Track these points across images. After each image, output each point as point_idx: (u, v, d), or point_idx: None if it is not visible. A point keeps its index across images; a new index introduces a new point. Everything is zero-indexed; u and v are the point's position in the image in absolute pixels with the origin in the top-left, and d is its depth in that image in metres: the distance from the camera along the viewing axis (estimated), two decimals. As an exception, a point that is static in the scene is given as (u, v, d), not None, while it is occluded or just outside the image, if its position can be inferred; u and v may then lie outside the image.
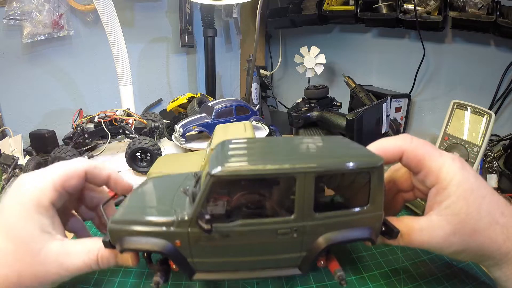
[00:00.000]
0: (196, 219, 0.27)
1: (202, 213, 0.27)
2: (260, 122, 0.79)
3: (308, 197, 0.28)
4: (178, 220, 0.28)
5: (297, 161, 0.28)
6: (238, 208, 0.29)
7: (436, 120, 0.81)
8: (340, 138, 0.36)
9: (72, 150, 0.59)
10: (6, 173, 0.62)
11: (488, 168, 0.67)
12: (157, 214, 0.29)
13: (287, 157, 0.29)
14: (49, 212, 0.30)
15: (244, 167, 0.27)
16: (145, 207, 0.31)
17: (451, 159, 0.30)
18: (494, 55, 0.73)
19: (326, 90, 0.80)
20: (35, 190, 0.29)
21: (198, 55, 1.19)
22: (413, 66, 0.86)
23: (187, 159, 0.56)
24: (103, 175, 0.35)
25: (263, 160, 0.27)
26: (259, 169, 0.26)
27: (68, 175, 0.31)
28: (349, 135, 0.59)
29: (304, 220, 0.29)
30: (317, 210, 0.29)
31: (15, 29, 0.80)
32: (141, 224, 0.28)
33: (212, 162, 0.27)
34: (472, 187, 0.29)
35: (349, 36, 1.06)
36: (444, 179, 0.30)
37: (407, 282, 0.40)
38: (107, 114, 0.67)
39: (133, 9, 0.99)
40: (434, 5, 0.74)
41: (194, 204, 0.27)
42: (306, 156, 0.31)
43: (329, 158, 0.29)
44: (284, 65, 1.31)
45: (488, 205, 0.29)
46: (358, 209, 0.30)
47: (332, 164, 0.28)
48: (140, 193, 0.35)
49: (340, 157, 0.30)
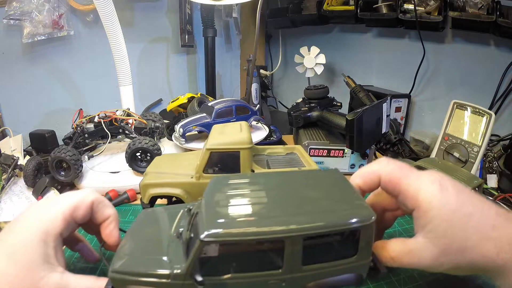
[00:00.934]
0: (189, 275, 0.29)
1: (193, 274, 0.29)
2: (260, 122, 0.79)
3: (296, 255, 0.29)
4: (174, 274, 0.30)
5: (286, 223, 0.29)
6: (230, 263, 0.30)
7: (436, 120, 0.81)
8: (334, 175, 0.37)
9: (72, 150, 0.59)
10: (6, 173, 0.62)
11: (488, 168, 0.67)
12: (154, 265, 0.31)
13: (278, 216, 0.30)
14: (55, 242, 0.30)
15: (232, 232, 0.28)
16: (142, 254, 0.33)
17: (429, 182, 0.30)
18: (494, 55, 0.73)
19: (326, 90, 0.80)
20: (45, 219, 0.30)
21: (198, 55, 1.19)
22: (413, 66, 0.86)
23: (183, 159, 0.56)
24: (105, 213, 0.36)
25: (253, 222, 0.29)
26: (248, 233, 0.28)
27: (77, 206, 0.33)
28: (349, 135, 0.59)
29: (292, 273, 0.30)
30: (305, 263, 0.30)
31: (15, 29, 0.80)
32: (139, 276, 0.30)
33: (202, 222, 0.29)
34: (454, 208, 0.28)
35: (349, 36, 1.06)
36: (423, 203, 0.29)
37: (407, 282, 0.40)
38: (107, 114, 0.67)
39: (133, 9, 0.99)
40: (434, 5, 0.74)
41: (187, 261, 0.29)
42: (296, 213, 0.31)
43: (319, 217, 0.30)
44: (284, 65, 1.31)
45: (476, 222, 0.28)
46: (346, 259, 0.31)
47: (322, 225, 0.29)
48: (136, 234, 0.36)
49: (330, 215, 0.30)
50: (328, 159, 0.68)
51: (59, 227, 0.31)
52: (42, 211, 0.32)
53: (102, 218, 0.35)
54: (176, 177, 0.49)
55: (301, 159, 0.55)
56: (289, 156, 0.57)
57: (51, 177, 0.60)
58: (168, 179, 0.49)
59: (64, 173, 0.60)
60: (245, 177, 0.37)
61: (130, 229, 0.37)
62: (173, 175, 0.50)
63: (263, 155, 0.57)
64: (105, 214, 0.36)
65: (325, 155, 0.68)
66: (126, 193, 0.58)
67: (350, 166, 0.69)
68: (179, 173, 0.50)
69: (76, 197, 0.34)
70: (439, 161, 0.54)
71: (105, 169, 0.64)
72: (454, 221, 0.28)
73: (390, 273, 0.41)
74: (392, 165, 0.32)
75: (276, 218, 0.29)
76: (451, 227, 0.28)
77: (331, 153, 0.68)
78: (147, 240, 0.35)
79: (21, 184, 0.62)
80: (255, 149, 0.57)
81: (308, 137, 0.71)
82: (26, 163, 0.60)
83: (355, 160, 0.68)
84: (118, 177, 0.63)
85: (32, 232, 0.29)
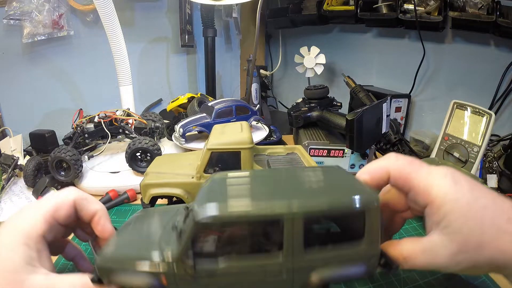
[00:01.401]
0: (181, 261, 0.27)
1: (185, 258, 0.27)
2: (260, 122, 0.79)
3: (297, 239, 0.27)
4: (164, 260, 0.28)
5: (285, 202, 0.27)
6: (224, 248, 0.28)
7: (436, 120, 0.81)
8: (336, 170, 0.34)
9: (72, 150, 0.59)
10: (6, 173, 0.62)
11: (488, 168, 0.67)
12: (144, 252, 0.29)
13: (275, 197, 0.28)
14: (38, 245, 0.30)
15: (228, 212, 0.26)
16: (133, 243, 0.32)
17: (441, 176, 0.29)
18: (494, 55, 0.73)
19: (326, 90, 0.80)
20: (26, 222, 0.30)
21: (198, 55, 1.19)
22: (413, 66, 0.86)
23: (184, 159, 0.56)
24: (91, 209, 0.34)
25: (250, 202, 0.27)
26: (244, 213, 0.26)
27: (58, 206, 0.32)
28: (349, 135, 0.59)
29: (293, 259, 0.28)
30: (307, 248, 0.28)
31: (15, 29, 0.80)
32: (128, 262, 0.29)
33: (198, 203, 0.27)
34: (469, 201, 0.27)
35: (349, 36, 1.06)
36: (437, 198, 0.28)
37: (407, 282, 0.40)
38: (107, 114, 0.67)
39: (133, 9, 0.99)
40: (434, 5, 0.74)
41: (180, 246, 0.27)
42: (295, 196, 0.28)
43: (320, 199, 0.28)
44: (284, 65, 1.31)
45: (491, 215, 0.27)
46: (352, 248, 0.28)
47: (321, 205, 0.27)
48: (131, 227, 0.35)
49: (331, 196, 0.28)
50: (328, 159, 0.68)
51: (40, 229, 0.30)
52: (24, 215, 0.31)
53: (89, 214, 0.34)
54: (177, 177, 0.49)
55: (301, 159, 0.55)
56: (290, 156, 0.57)
57: (51, 177, 0.60)
58: (168, 179, 0.49)
59: (64, 173, 0.60)
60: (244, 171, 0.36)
61: (123, 225, 0.36)
62: (173, 175, 0.50)
63: (263, 155, 0.57)
64: (91, 210, 0.34)
65: (325, 155, 0.68)
66: (126, 193, 0.58)
67: (350, 166, 0.69)
68: (180, 173, 0.50)
69: (57, 197, 0.33)
70: (439, 161, 0.54)
71: (105, 169, 0.65)
72: (470, 215, 0.27)
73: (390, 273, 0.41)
74: (401, 160, 0.31)
75: (274, 200, 0.27)
76: (467, 221, 0.27)
77: (331, 153, 0.68)
78: (139, 232, 0.34)
79: (21, 184, 0.62)
80: (256, 149, 0.57)
81: (308, 137, 0.71)
82: (26, 163, 0.60)
83: (355, 160, 0.68)
84: (118, 177, 0.63)
85: (14, 236, 0.29)
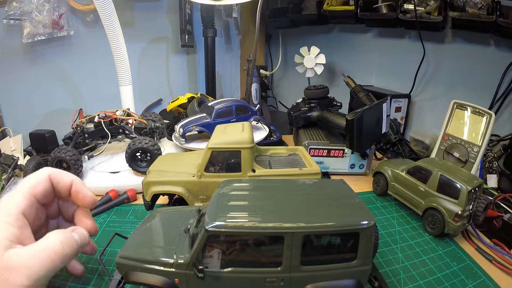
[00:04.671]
0: (192, 265, 0.31)
1: (196, 263, 0.31)
2: (260, 122, 0.79)
3: (295, 253, 0.31)
4: (177, 263, 0.32)
5: (286, 220, 0.30)
6: (230, 256, 0.31)
7: (436, 120, 0.81)
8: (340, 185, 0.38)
9: (72, 150, 0.59)
10: (6, 173, 0.62)
11: (488, 168, 0.67)
12: (160, 254, 0.33)
13: (279, 214, 0.32)
14: (18, 222, 0.32)
15: (236, 224, 0.30)
16: (150, 245, 0.35)
17: None
18: (494, 55, 0.73)
19: (326, 90, 0.80)
20: (6, 202, 0.33)
21: (198, 55, 1.19)
22: (413, 66, 0.86)
23: (185, 158, 0.56)
24: (66, 180, 0.37)
25: (256, 217, 0.31)
26: (250, 227, 0.30)
27: (35, 183, 0.35)
28: (349, 135, 0.60)
29: (291, 272, 0.31)
30: (304, 263, 0.31)
31: (15, 29, 0.80)
32: (145, 262, 0.33)
33: (209, 214, 0.31)
34: None
35: (349, 36, 1.06)
36: None
37: (407, 282, 0.40)
38: (107, 114, 0.67)
39: (133, 9, 0.99)
40: (434, 5, 0.74)
41: (191, 251, 0.31)
42: (297, 213, 0.32)
43: (319, 218, 0.31)
44: (284, 65, 1.31)
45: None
46: (345, 263, 0.32)
47: (321, 225, 0.30)
48: (147, 227, 0.39)
49: (331, 216, 0.32)
50: (328, 159, 0.68)
51: (20, 205, 0.33)
52: (7, 197, 0.34)
53: (66, 185, 0.37)
54: (178, 175, 0.50)
55: (302, 160, 0.55)
56: (291, 157, 0.57)
57: (51, 177, 0.60)
58: (170, 177, 0.50)
59: (64, 173, 0.60)
60: (252, 181, 0.39)
61: (141, 224, 0.39)
62: (175, 174, 0.50)
63: (265, 155, 0.57)
64: (66, 181, 0.37)
65: (325, 155, 0.68)
66: (126, 193, 0.58)
67: (350, 166, 0.69)
68: (181, 171, 0.50)
69: (33, 176, 0.36)
70: (439, 161, 0.54)
71: (105, 169, 0.64)
72: None
73: (390, 273, 0.41)
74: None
75: (278, 216, 0.31)
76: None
77: (331, 153, 0.68)
78: (156, 233, 0.38)
79: (21, 184, 0.62)
80: (257, 149, 0.57)
81: (308, 137, 0.71)
82: (26, 163, 0.60)
83: (355, 160, 0.68)
84: (118, 177, 0.63)
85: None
